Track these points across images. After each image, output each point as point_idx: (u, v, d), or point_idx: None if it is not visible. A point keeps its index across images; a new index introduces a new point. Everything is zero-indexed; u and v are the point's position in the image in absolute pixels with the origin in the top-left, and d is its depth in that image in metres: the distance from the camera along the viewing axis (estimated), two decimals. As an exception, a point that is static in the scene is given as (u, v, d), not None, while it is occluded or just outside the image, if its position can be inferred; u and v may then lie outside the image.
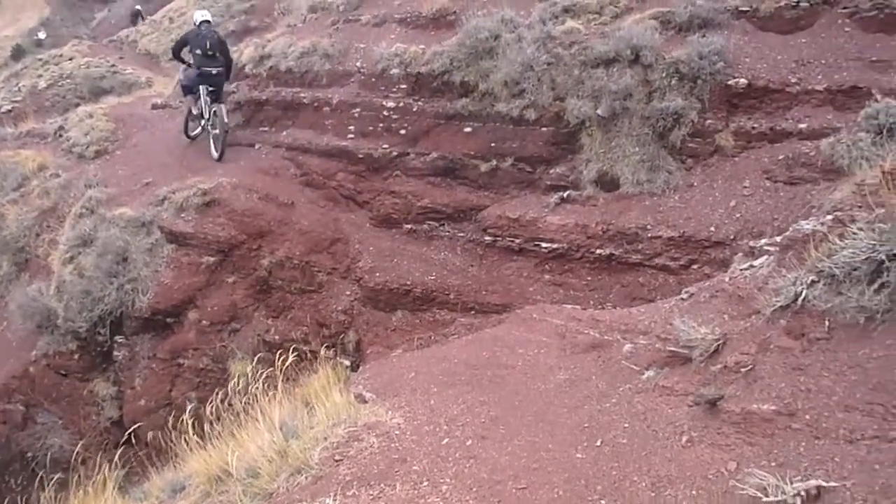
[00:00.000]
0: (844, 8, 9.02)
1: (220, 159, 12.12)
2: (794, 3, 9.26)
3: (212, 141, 12.40)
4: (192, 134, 13.14)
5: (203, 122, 12.59)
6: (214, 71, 12.25)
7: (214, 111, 12.07)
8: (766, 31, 9.32)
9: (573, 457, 4.05)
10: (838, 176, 7.00)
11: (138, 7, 35.47)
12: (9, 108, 22.30)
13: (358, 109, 11.34)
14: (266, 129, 12.64)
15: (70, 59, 26.49)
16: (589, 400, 4.64)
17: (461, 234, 10.21)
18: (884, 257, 3.71)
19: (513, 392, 5.16)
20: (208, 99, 12.24)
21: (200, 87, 12.27)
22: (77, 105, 19.23)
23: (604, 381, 4.83)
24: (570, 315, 6.55)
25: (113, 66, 24.95)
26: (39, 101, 22.49)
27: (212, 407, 6.52)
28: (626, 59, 9.20)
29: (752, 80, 8.70)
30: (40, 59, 28.70)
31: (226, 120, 12.10)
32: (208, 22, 12.72)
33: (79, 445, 8.87)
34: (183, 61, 12.91)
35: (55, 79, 24.39)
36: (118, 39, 36.54)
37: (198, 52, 12.21)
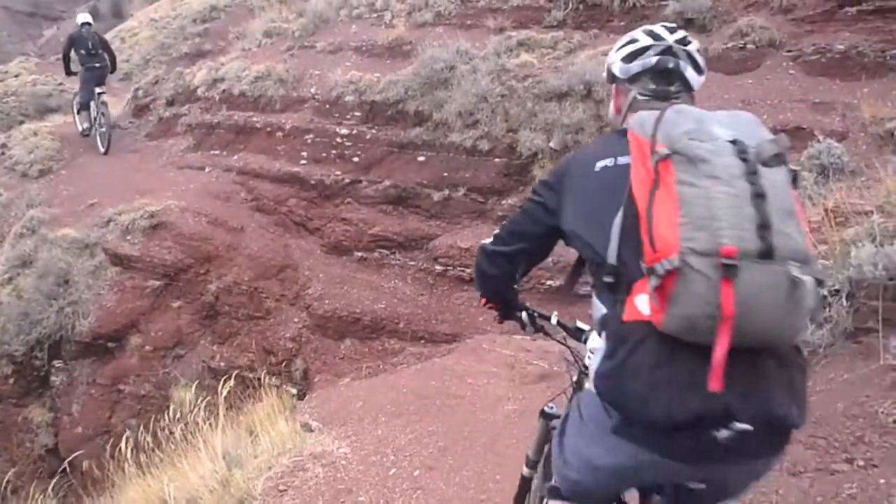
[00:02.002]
0: (789, 51, 9.31)
1: (106, 153, 13.78)
2: (740, 45, 9.52)
3: (99, 138, 13.99)
4: (85, 129, 14.47)
5: (93, 120, 14.05)
6: (98, 65, 13.66)
7: (102, 112, 13.64)
8: (714, 70, 9.53)
9: (521, 488, 4.03)
10: (782, 213, 7.16)
11: None
12: (-50, 124, 21.73)
13: (311, 136, 11.30)
14: (217, 152, 12.51)
15: (16, 76, 25.92)
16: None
17: (412, 263, 10.18)
18: (826, 293, 3.79)
19: (461, 422, 5.13)
20: (99, 99, 13.60)
21: (94, 90, 13.55)
22: (21, 123, 18.82)
23: (552, 413, 4.82)
24: (520, 346, 6.56)
25: (60, 84, 24.43)
26: (-18, 118, 21.98)
27: (152, 435, 6.37)
28: (579, 93, 9.34)
29: (700, 118, 8.89)
30: (-15, 76, 28.07)
31: (111, 116, 13.93)
32: (89, 24, 14.06)
33: (10, 473, 8.57)
34: (71, 71, 14.20)
35: (-1, 95, 23.87)
36: (67, 58, 35.93)
37: (82, 51, 13.62)
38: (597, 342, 2.06)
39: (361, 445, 5.01)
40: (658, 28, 2.24)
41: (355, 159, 10.82)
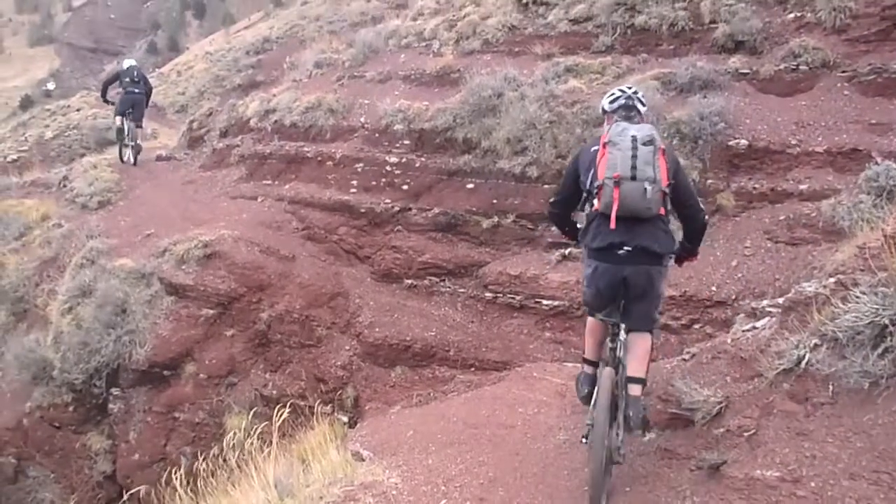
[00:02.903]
0: (843, 72, 9.15)
1: (135, 164, 15.76)
2: (793, 67, 9.39)
3: (130, 151, 15.96)
4: (124, 158, 16.14)
5: (124, 139, 15.97)
6: (137, 91, 15.78)
7: (130, 129, 15.73)
8: (766, 93, 9.43)
9: (573, 521, 3.97)
10: (839, 237, 6.99)
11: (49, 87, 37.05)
12: (15, 157, 22.49)
13: (361, 164, 11.42)
14: (269, 182, 12.71)
15: (77, 110, 26.79)
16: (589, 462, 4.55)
17: (462, 290, 10.17)
18: (887, 322, 3.67)
19: (512, 452, 5.08)
20: (129, 119, 15.65)
21: (126, 111, 15.61)
22: (82, 155, 19.41)
23: (604, 443, 4.74)
24: (571, 374, 6.47)
25: (120, 117, 25.18)
26: (45, 151, 22.69)
27: (206, 462, 6.43)
28: (628, 118, 9.26)
29: (752, 141, 8.77)
30: (48, 110, 29.03)
31: (139, 140, 16.12)
32: (135, 66, 16.32)
33: (71, 501, 8.72)
34: (107, 101, 16.54)
35: (62, 129, 24.62)
36: (126, 92, 36.98)
37: (126, 79, 15.79)
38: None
39: (412, 475, 4.99)
40: (624, 87, 4.75)
41: (405, 187, 10.90)
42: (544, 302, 9.25)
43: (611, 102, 4.69)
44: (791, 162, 8.58)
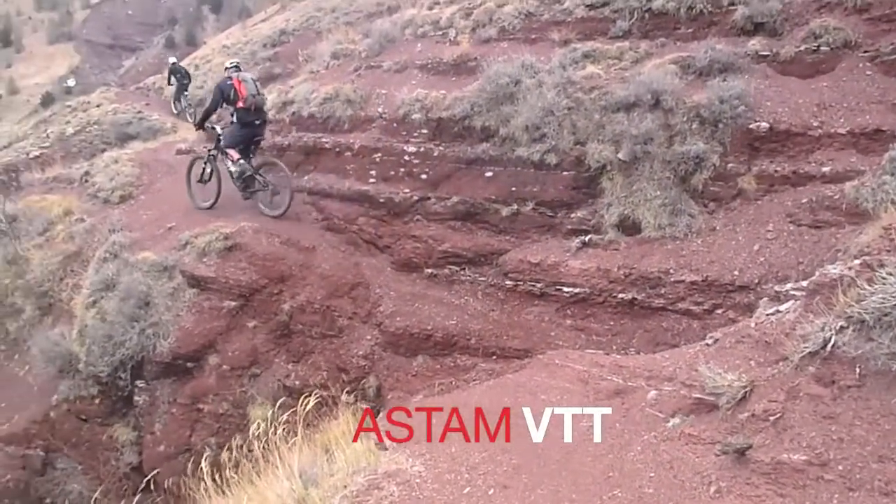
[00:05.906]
0: (865, 52, 9.02)
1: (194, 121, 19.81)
2: (814, 48, 9.27)
3: (189, 115, 23.04)
4: (178, 111, 24.20)
5: (184, 107, 24.51)
6: (185, 81, 24.21)
7: (189, 101, 23.87)
8: (786, 74, 9.32)
9: (598, 507, 3.96)
10: (863, 219, 6.91)
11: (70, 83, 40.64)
12: (37, 153, 22.73)
13: (379, 154, 11.42)
14: (288, 173, 12.74)
15: (98, 106, 27.01)
16: (613, 448, 4.55)
17: (482, 279, 10.17)
18: (912, 303, 3.63)
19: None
20: (184, 93, 24.30)
21: (182, 91, 24.72)
22: (103, 151, 19.56)
23: (628, 429, 4.73)
24: (593, 361, 6.46)
25: (139, 112, 25.42)
26: (67, 147, 22.90)
27: (231, 453, 6.47)
28: (647, 103, 9.21)
29: (773, 123, 8.68)
30: (69, 106, 29.27)
31: (193, 101, 24.57)
32: (175, 62, 25.43)
33: (98, 492, 8.82)
34: (170, 84, 24.52)
35: (83, 125, 24.84)
36: (145, 86, 37.30)
37: (178, 75, 24.11)
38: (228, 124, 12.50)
39: (435, 463, 5.00)
40: (235, 61, 12.74)
41: (423, 176, 10.89)
42: (565, 289, 9.22)
43: (229, 65, 12.01)
44: (813, 144, 8.48)
